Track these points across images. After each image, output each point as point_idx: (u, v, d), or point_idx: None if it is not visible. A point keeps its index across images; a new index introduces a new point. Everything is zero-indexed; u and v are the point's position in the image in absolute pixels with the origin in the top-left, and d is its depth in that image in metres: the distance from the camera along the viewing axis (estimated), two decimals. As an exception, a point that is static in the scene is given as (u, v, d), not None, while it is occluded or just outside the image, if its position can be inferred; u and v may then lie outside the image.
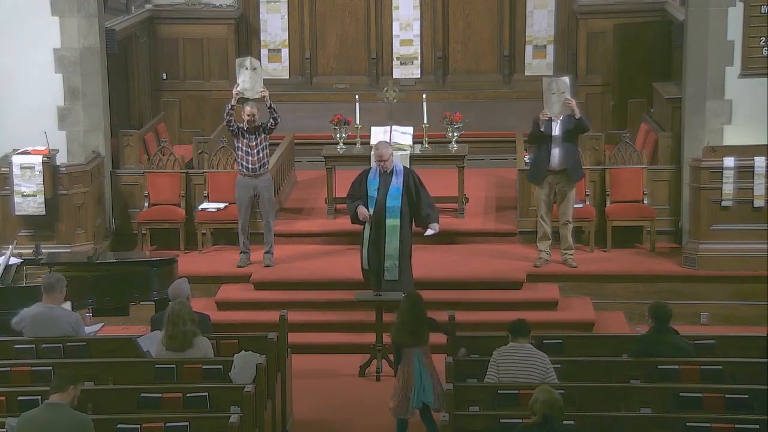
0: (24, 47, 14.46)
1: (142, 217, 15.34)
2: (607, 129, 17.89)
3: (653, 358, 10.06)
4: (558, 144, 13.92)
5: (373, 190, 12.94)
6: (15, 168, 14.23)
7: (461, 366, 10.11)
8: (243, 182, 14.33)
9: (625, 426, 8.98)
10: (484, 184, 16.84)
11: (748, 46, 14.18)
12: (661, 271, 14.29)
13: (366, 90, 18.07)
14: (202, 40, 19.71)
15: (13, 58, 14.47)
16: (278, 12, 19.93)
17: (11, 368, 10.12)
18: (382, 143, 13.43)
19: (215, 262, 14.73)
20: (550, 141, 13.93)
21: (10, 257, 12.76)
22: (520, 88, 19.25)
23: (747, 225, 14.05)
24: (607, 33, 19.15)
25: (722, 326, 12.88)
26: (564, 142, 13.92)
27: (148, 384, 9.82)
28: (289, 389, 11.40)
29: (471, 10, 19.68)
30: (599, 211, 15.03)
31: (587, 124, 14.23)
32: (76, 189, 14.59)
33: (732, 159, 14.00)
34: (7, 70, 14.49)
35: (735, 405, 9.27)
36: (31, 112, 14.52)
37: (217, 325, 12.00)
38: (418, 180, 13.10)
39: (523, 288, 13.93)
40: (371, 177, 13.04)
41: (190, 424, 8.98)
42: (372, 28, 19.86)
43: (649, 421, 9.06)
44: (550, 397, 8.51)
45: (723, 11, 14.13)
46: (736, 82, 14.28)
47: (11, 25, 14.40)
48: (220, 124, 16.42)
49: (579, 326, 13.19)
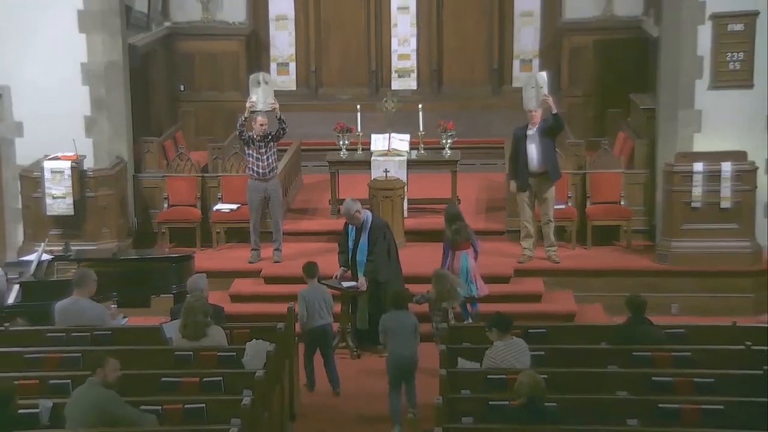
0: (54, 62, 14.46)
1: (162, 217, 15.41)
2: (587, 136, 17.87)
3: (629, 346, 10.10)
4: (535, 143, 13.93)
5: (351, 241, 12.84)
6: (46, 172, 14.26)
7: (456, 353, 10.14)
8: (254, 185, 14.38)
9: (602, 407, 8.99)
10: (475, 187, 16.85)
11: (717, 61, 14.22)
12: (636, 266, 14.36)
13: (366, 100, 18.02)
14: (216, 54, 19.72)
15: (44, 72, 14.46)
16: (286, 29, 19.97)
17: (44, 354, 10.16)
18: (347, 203, 12.92)
19: (228, 259, 14.77)
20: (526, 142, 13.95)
21: (42, 254, 12.84)
22: (508, 98, 19.18)
23: (715, 224, 14.10)
24: (588, 48, 19.19)
25: (692, 317, 12.88)
26: (541, 141, 13.93)
27: (168, 369, 9.83)
28: (296, 374, 11.42)
29: (463, 27, 19.71)
30: (580, 211, 15.08)
31: (563, 121, 14.28)
32: (102, 191, 14.63)
33: (701, 164, 14.03)
34: (39, 82, 14.48)
35: (703, 389, 9.30)
36: (61, 121, 14.51)
37: (231, 316, 12.07)
38: (381, 236, 12.69)
39: (511, 282, 13.98)
40: (350, 229, 12.90)
41: (207, 406, 9.00)
42: (372, 43, 19.89)
43: (625, 403, 9.06)
44: (534, 381, 8.58)
45: (693, 29, 14.17)
46: (706, 94, 14.30)
47: (42, 41, 14.40)
48: (233, 132, 16.46)
49: (561, 317, 13.22)
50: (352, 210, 12.75)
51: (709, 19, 14.16)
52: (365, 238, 12.73)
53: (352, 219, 12.77)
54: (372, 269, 12.64)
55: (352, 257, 12.83)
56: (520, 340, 9.87)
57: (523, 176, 14.05)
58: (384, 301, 12.35)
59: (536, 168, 13.99)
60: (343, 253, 12.96)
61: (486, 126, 18.55)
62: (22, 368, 9.95)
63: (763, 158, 14.30)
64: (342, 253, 12.96)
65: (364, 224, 12.76)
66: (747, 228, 14.18)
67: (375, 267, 12.63)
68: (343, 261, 12.93)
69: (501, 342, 9.79)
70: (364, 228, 12.76)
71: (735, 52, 14.20)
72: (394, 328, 10.95)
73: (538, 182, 14.08)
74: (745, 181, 14.08)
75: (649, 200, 15.08)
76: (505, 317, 9.98)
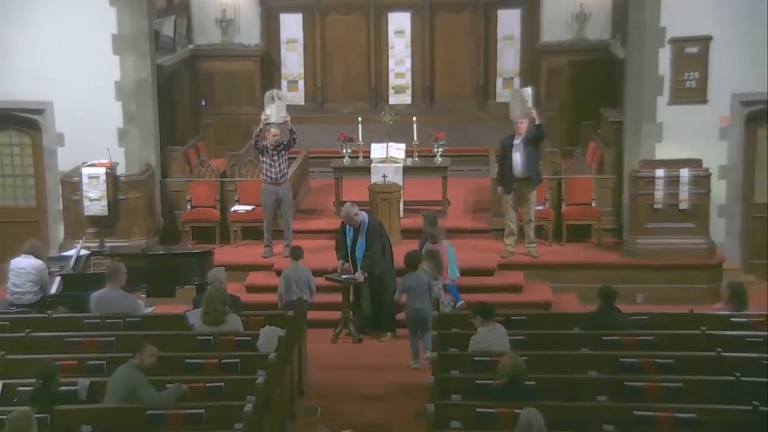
0: (91, 80, 14.44)
1: (185, 217, 15.40)
2: (562, 146, 17.87)
3: (599, 331, 10.14)
4: (520, 152, 13.92)
5: (349, 239, 12.82)
6: (84, 177, 14.24)
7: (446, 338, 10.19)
8: (267, 189, 14.40)
9: (576, 385, 9.04)
10: (463, 191, 16.85)
11: (675, 80, 14.20)
12: (606, 261, 14.33)
13: (367, 114, 18.05)
14: (234, 73, 19.73)
15: (82, 89, 14.44)
16: (295, 51, 20.00)
17: (82, 338, 10.23)
18: (346, 206, 12.98)
19: (244, 254, 14.74)
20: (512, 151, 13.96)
21: (80, 250, 12.89)
22: (492, 112, 19.19)
23: (674, 224, 14.08)
24: (563, 68, 19.21)
25: (654, 305, 12.89)
26: (525, 149, 13.92)
27: (191, 352, 9.89)
28: (305, 357, 11.44)
29: (452, 49, 19.73)
30: (556, 212, 15.06)
31: (545, 131, 14.30)
32: (132, 194, 14.60)
33: (662, 170, 14.02)
34: (78, 98, 14.46)
35: (664, 369, 9.35)
36: (97, 132, 14.50)
37: (247, 305, 12.05)
38: (377, 235, 12.74)
39: (494, 275, 13.98)
40: (347, 229, 12.87)
41: (225, 385, 9.05)
42: (372, 63, 19.90)
43: (595, 382, 9.09)
44: (515, 362, 8.63)
45: (655, 51, 14.16)
46: (666, 109, 14.29)
47: (81, 62, 14.38)
48: (249, 142, 16.45)
49: (540, 306, 13.21)
50: (351, 213, 12.76)
51: (669, 42, 14.16)
52: (363, 237, 12.72)
53: (351, 221, 12.77)
54: (369, 264, 12.65)
55: (351, 253, 12.83)
56: (501, 326, 9.90)
57: (509, 181, 14.06)
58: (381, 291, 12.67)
59: (520, 173, 13.99)
60: (341, 249, 12.94)
61: (473, 136, 18.56)
62: (63, 350, 10.01)
63: (716, 165, 14.29)
64: (340, 249, 12.95)
65: (361, 225, 12.76)
66: (702, 227, 14.18)
67: (371, 262, 12.65)
68: (342, 256, 12.91)
69: (484, 328, 9.82)
70: (362, 228, 12.75)
71: (691, 71, 14.20)
72: (412, 287, 11.80)
73: (521, 186, 14.09)
74: (700, 186, 14.06)
75: (617, 202, 15.07)
76: (488, 306, 10.02)
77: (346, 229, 12.87)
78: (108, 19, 14.39)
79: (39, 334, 10.39)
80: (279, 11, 19.92)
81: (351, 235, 12.81)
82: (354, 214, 12.73)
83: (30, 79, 14.49)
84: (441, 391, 8.94)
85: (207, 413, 8.48)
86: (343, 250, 12.89)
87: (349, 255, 12.82)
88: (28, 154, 15.07)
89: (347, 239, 12.84)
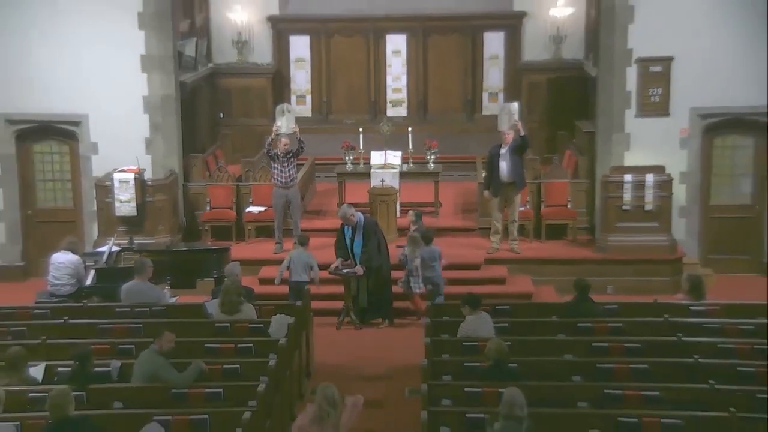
0: (121, 95, 14.46)
1: (205, 217, 15.40)
2: (542, 154, 17.87)
3: (575, 319, 10.16)
4: (506, 160, 13.92)
5: (348, 238, 12.79)
6: (115, 182, 14.28)
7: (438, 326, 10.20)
8: (278, 192, 14.39)
9: (554, 367, 9.05)
10: (453, 194, 16.84)
11: (641, 95, 14.24)
12: (580, 256, 14.36)
13: (367, 125, 18.00)
14: (248, 89, 19.69)
15: (114, 103, 14.47)
16: (303, 68, 19.96)
17: (113, 325, 10.27)
18: (343, 208, 12.99)
19: (258, 250, 14.74)
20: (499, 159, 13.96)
21: (112, 246, 12.92)
22: (479, 124, 19.20)
23: (640, 223, 14.10)
24: (542, 84, 19.19)
25: (623, 295, 12.91)
26: (511, 158, 13.92)
27: (210, 338, 9.90)
28: (312, 342, 11.45)
29: (443, 67, 19.69)
30: (536, 212, 15.06)
31: (528, 141, 14.31)
32: (158, 197, 14.61)
33: (630, 176, 14.04)
34: (110, 111, 14.49)
35: (632, 352, 9.37)
36: (127, 141, 14.52)
37: (259, 295, 12.00)
38: (373, 232, 12.71)
39: (481, 269, 13.99)
40: (346, 229, 12.82)
41: (241, 366, 9.06)
42: (371, 79, 19.87)
43: (571, 364, 9.13)
44: (500, 347, 8.64)
45: (623, 70, 14.20)
46: (633, 121, 14.32)
47: (113, 79, 14.41)
48: (262, 150, 16.46)
49: (521, 296, 13.21)
50: (347, 213, 12.75)
51: (635, 62, 14.18)
52: (360, 235, 12.70)
53: (348, 221, 12.74)
54: (367, 258, 12.64)
55: (351, 250, 12.80)
56: (486, 315, 9.90)
57: (496, 185, 14.05)
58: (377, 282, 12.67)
59: (506, 179, 13.99)
60: (340, 248, 12.88)
61: (462, 145, 18.56)
62: (97, 336, 10.04)
63: (677, 171, 14.32)
64: (339, 248, 12.88)
65: (358, 224, 12.74)
66: (665, 226, 14.20)
67: (369, 257, 12.64)
68: (341, 254, 12.85)
69: (472, 316, 9.83)
70: (358, 227, 12.72)
71: (655, 88, 14.21)
72: (425, 257, 12.47)
73: (507, 190, 14.08)
74: (663, 189, 14.08)
75: (590, 204, 15.07)
76: (476, 296, 10.04)
77: (345, 229, 12.85)
78: (137, 42, 14.41)
79: (76, 321, 10.41)
80: (289, 33, 19.90)
81: (350, 234, 12.80)
82: (350, 215, 12.72)
83: (68, 94, 14.51)
84: (433, 372, 8.95)
85: (224, 392, 8.49)
86: (342, 249, 12.86)
87: (349, 251, 12.80)
88: (66, 161, 15.08)
89: (346, 238, 12.82)
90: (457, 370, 9.03)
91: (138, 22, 14.39)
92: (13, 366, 8.60)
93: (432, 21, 19.63)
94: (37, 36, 14.37)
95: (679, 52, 14.13)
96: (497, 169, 13.96)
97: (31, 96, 14.52)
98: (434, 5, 19.65)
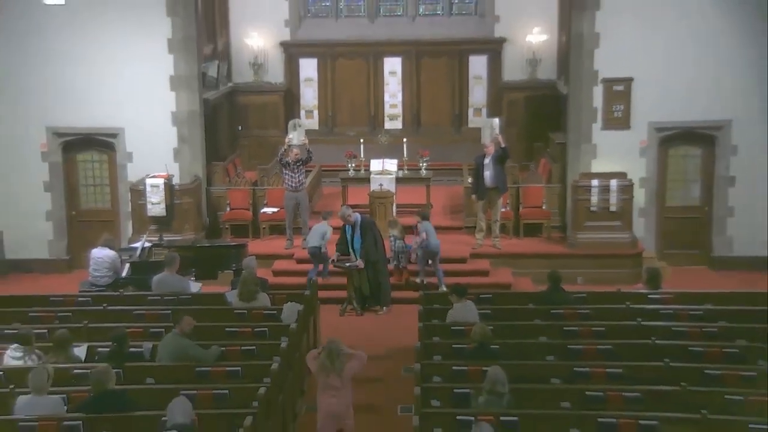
0: (153, 111, 14.47)
1: (225, 217, 15.35)
2: (520, 161, 17.75)
3: (548, 306, 10.16)
4: (489, 169, 13.92)
5: (348, 236, 12.75)
6: (147, 186, 14.27)
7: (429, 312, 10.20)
8: (289, 195, 14.36)
9: (530, 348, 9.07)
10: (442, 196, 16.78)
11: (606, 111, 14.24)
12: (553, 251, 14.34)
13: (367, 136, 17.98)
14: (263, 105, 19.60)
15: (147, 118, 14.48)
16: (311, 87, 19.91)
17: (146, 311, 10.27)
18: (342, 209, 12.97)
19: (271, 246, 14.69)
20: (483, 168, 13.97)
21: (144, 242, 12.93)
22: (465, 135, 19.13)
23: (606, 222, 14.10)
24: (520, 101, 19.11)
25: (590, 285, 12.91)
26: (494, 166, 13.91)
27: (229, 322, 9.89)
28: (318, 326, 11.45)
29: (434, 86, 19.62)
30: (515, 213, 15.04)
31: (508, 152, 14.32)
32: (185, 199, 14.59)
33: (597, 181, 14.05)
34: (143, 125, 14.50)
35: (598, 335, 9.39)
36: (157, 151, 14.50)
37: (273, 285, 12.00)
38: (369, 230, 12.64)
39: (467, 262, 13.96)
40: (347, 228, 12.78)
41: (256, 348, 9.07)
42: (371, 96, 19.81)
43: (545, 345, 9.14)
44: (484, 330, 8.66)
45: (590, 89, 14.21)
46: (599, 133, 14.31)
47: (146, 97, 14.41)
48: (275, 159, 16.40)
49: (502, 286, 13.19)
50: (346, 214, 12.74)
51: (601, 82, 14.18)
52: (358, 233, 12.69)
53: (346, 220, 12.72)
54: (365, 252, 12.63)
55: (351, 246, 12.77)
56: (471, 303, 9.89)
57: (482, 190, 14.04)
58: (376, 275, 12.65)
59: (490, 184, 13.97)
60: (341, 245, 12.83)
61: (450, 154, 18.45)
62: (132, 321, 10.05)
63: (637, 177, 14.31)
64: (340, 245, 12.83)
65: (356, 223, 12.73)
66: (627, 224, 14.19)
67: (367, 251, 12.62)
68: (341, 249, 12.81)
69: (459, 304, 9.83)
70: (356, 226, 12.71)
71: (618, 104, 14.21)
72: (428, 230, 12.78)
73: (491, 194, 14.05)
74: (625, 193, 14.08)
75: (562, 205, 15.04)
76: (462, 286, 10.04)
77: (347, 228, 12.83)
78: (167, 64, 14.41)
79: (113, 307, 10.43)
80: (299, 56, 19.85)
81: (350, 232, 12.79)
82: (348, 215, 12.71)
83: (107, 111, 14.51)
84: (425, 353, 8.96)
85: (242, 370, 8.51)
86: (343, 245, 12.82)
87: (349, 247, 12.78)
88: (105, 169, 15.07)
89: (347, 236, 12.80)
90: (446, 351, 9.04)
91: (168, 47, 14.39)
92: (60, 346, 8.63)
93: (424, 46, 19.60)
94: (80, 61, 14.37)
95: (639, 73, 14.14)
96: (482, 176, 13.96)
97: (75, 112, 14.52)
98: (426, 32, 19.64)
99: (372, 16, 20.10)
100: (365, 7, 20.10)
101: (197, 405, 7.43)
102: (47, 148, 14.76)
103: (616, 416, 7.33)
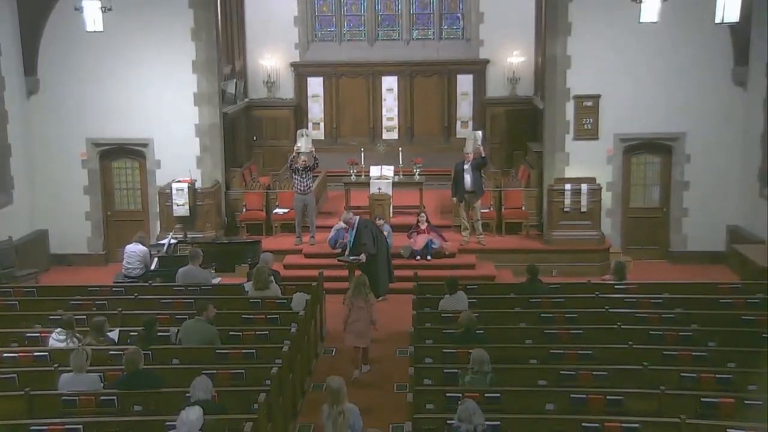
0: (179, 123, 14.43)
1: (242, 217, 15.29)
2: (502, 168, 17.82)
3: (528, 296, 10.14)
4: (469, 174, 13.88)
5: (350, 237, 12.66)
6: (173, 190, 14.25)
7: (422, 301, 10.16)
8: (298, 198, 14.30)
9: (511, 333, 9.06)
10: (433, 199, 16.68)
11: (577, 123, 14.20)
12: (532, 247, 14.29)
13: (367, 145, 17.98)
14: (275, 118, 19.59)
15: (173, 129, 14.44)
16: (318, 102, 19.91)
17: (172, 300, 10.25)
18: (344, 214, 12.84)
19: (282, 243, 14.63)
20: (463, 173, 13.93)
21: (171, 239, 12.87)
22: (453, 145, 19.03)
23: (577, 221, 14.06)
24: (502, 115, 19.12)
25: (564, 277, 12.94)
26: (473, 172, 13.88)
27: (246, 310, 9.87)
28: (324, 314, 11.42)
29: (426, 101, 19.62)
30: (498, 213, 15.00)
31: (488, 161, 14.27)
32: (206, 201, 14.54)
33: (569, 185, 14.02)
34: (170, 136, 14.46)
35: (571, 321, 9.38)
36: (182, 159, 14.48)
37: (284, 277, 12.01)
38: (365, 227, 12.42)
39: (456, 257, 13.90)
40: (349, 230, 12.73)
41: (269, 333, 9.05)
42: (371, 110, 19.81)
43: (524, 330, 9.13)
44: (470, 317, 8.63)
45: (563, 104, 14.17)
46: (572, 143, 14.28)
47: (172, 111, 14.37)
48: (285, 165, 16.36)
49: (486, 278, 13.16)
50: (347, 218, 12.69)
51: (572, 98, 14.16)
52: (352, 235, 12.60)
53: (348, 223, 12.67)
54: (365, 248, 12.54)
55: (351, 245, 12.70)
56: (462, 293, 9.87)
57: (461, 193, 14.02)
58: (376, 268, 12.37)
59: (469, 188, 13.94)
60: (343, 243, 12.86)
61: (440, 161, 18.39)
62: (159, 308, 10.01)
63: (604, 182, 14.29)
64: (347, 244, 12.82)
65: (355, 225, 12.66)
66: (596, 223, 14.16)
67: (367, 247, 12.56)
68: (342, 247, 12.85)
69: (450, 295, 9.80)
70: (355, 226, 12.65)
71: (588, 118, 14.18)
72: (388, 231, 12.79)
73: (469, 197, 14.03)
74: (594, 196, 14.06)
75: (539, 207, 15.00)
76: (453, 279, 10.00)
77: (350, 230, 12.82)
78: (191, 82, 14.38)
79: (143, 297, 10.39)
80: (307, 75, 19.86)
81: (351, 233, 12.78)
82: (349, 219, 12.66)
83: (139, 124, 14.47)
84: (418, 337, 8.95)
85: (257, 352, 8.48)
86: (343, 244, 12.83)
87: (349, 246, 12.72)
88: (136, 174, 15.01)
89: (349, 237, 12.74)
90: (437, 336, 9.02)
91: (192, 68, 14.36)
92: (97, 330, 8.63)
93: (417, 66, 19.58)
94: (116, 80, 14.36)
95: (606, 91, 14.12)
96: (462, 181, 13.93)
97: (111, 124, 14.50)
98: (419, 54, 19.63)
99: (371, 41, 20.11)
100: (365, 33, 20.13)
101: (217, 383, 7.44)
102: (86, 156, 14.73)
103: (586, 392, 7.35)
